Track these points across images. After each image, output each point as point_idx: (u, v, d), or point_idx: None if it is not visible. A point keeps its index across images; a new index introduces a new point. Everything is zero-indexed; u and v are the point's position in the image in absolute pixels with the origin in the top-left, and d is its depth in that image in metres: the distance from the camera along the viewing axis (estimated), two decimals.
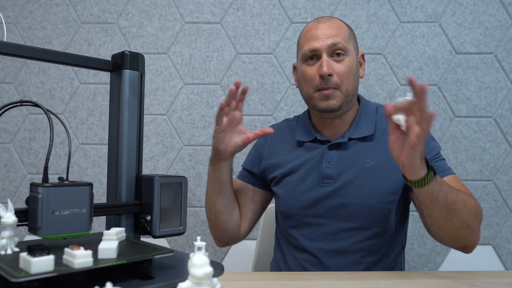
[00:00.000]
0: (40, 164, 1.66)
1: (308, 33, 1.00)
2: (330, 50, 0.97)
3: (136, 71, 0.76)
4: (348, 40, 0.99)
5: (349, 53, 0.98)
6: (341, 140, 1.00)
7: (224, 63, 1.64)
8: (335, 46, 0.96)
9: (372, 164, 0.98)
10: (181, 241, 1.63)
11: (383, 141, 0.99)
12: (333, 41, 0.96)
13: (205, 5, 1.65)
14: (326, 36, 0.97)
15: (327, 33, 0.98)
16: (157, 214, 0.70)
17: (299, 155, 1.04)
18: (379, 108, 1.06)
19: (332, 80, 0.95)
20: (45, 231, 0.57)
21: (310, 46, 0.98)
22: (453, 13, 1.60)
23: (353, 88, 0.99)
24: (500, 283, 0.78)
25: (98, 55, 1.66)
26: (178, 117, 1.64)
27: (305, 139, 1.05)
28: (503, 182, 1.57)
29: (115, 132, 0.75)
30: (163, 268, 0.62)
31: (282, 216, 1.06)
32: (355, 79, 0.99)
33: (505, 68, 1.58)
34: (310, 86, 0.99)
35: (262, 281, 0.79)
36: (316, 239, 1.00)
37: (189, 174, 1.63)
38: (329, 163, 1.00)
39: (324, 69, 0.94)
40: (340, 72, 0.96)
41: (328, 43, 0.96)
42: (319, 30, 0.98)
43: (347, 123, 1.03)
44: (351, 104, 1.01)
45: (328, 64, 0.95)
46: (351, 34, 1.02)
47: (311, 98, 1.00)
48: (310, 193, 1.00)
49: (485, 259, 1.56)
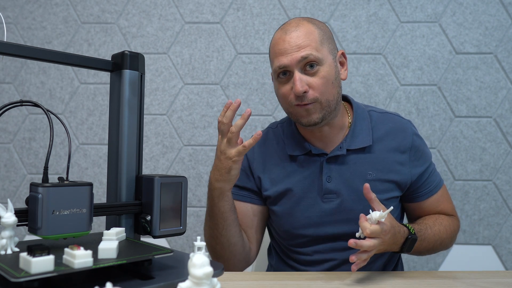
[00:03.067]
0: (40, 164, 1.66)
1: (276, 46, 0.92)
2: (301, 64, 0.89)
3: (136, 71, 0.76)
4: (321, 46, 0.90)
5: (323, 61, 0.90)
6: (339, 152, 0.95)
7: (224, 63, 1.64)
8: (305, 59, 0.88)
9: (374, 176, 0.95)
10: (181, 241, 1.63)
11: (382, 150, 0.97)
12: (303, 54, 0.88)
13: (205, 5, 1.65)
14: (295, 49, 0.89)
15: (295, 45, 0.89)
16: (157, 214, 0.70)
17: (293, 170, 0.98)
18: (371, 112, 1.02)
19: (308, 96, 0.89)
20: (45, 231, 0.57)
21: (279, 62, 0.90)
22: (453, 13, 1.60)
23: (335, 96, 0.92)
24: (500, 283, 0.78)
25: (98, 55, 1.66)
26: (178, 117, 1.64)
27: (298, 152, 0.98)
28: (503, 182, 1.57)
29: (115, 132, 0.75)
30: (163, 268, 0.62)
31: (283, 234, 1.01)
32: (335, 86, 0.92)
33: (505, 68, 1.58)
34: (286, 103, 0.93)
35: (262, 281, 0.79)
36: (323, 252, 0.98)
37: (189, 174, 1.63)
38: (329, 177, 0.95)
39: (298, 87, 0.87)
40: (316, 85, 0.89)
41: (297, 57, 0.88)
42: (286, 42, 0.90)
43: (338, 130, 0.98)
44: (337, 111, 0.96)
45: (301, 81, 0.88)
46: (325, 36, 0.93)
47: (291, 113, 0.94)
48: (314, 209, 0.96)
49: (485, 259, 1.56)
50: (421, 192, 1.01)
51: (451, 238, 1.00)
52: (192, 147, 1.64)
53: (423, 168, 1.00)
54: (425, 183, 1.01)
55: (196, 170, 1.63)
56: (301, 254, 1.00)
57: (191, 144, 1.64)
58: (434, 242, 0.95)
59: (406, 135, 0.99)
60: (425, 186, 1.01)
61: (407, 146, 0.98)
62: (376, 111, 1.03)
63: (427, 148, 1.03)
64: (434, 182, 1.02)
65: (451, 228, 1.00)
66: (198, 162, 1.63)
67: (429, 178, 1.01)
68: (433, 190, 1.02)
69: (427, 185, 1.01)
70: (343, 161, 0.96)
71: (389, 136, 0.99)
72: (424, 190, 1.01)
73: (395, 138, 0.98)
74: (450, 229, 0.99)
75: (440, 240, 0.96)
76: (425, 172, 1.00)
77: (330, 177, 0.96)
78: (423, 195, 1.01)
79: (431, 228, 0.95)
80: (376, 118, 1.01)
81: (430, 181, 1.01)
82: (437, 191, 1.02)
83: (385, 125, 1.00)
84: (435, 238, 0.95)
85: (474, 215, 1.57)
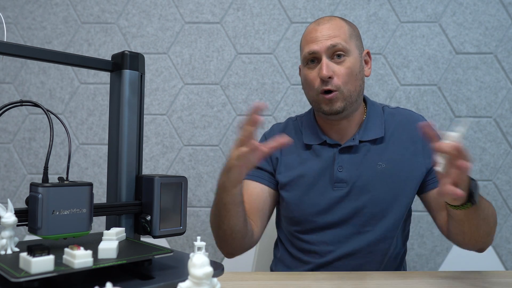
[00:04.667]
0: (40, 164, 1.66)
1: (308, 35, 0.99)
2: (330, 52, 0.95)
3: (136, 71, 0.76)
4: (349, 39, 0.97)
5: (350, 53, 0.96)
6: (352, 143, 0.99)
7: (224, 63, 1.64)
8: (334, 47, 0.95)
9: (383, 167, 0.98)
10: (181, 241, 1.63)
11: (393, 142, 1.00)
12: (332, 43, 0.95)
13: (205, 5, 1.65)
14: (325, 37, 0.96)
15: (326, 34, 0.96)
16: (157, 214, 0.70)
17: (308, 158, 1.03)
18: (385, 108, 1.06)
19: (332, 82, 0.94)
20: (45, 231, 0.57)
21: (309, 48, 0.97)
22: (453, 13, 1.60)
23: (357, 88, 0.97)
24: (500, 283, 0.78)
25: (98, 55, 1.66)
26: (178, 117, 1.64)
27: (314, 142, 1.03)
28: (503, 182, 1.57)
29: (115, 132, 0.75)
30: (163, 268, 0.62)
31: (291, 221, 1.03)
32: (358, 79, 0.98)
33: (505, 68, 1.58)
34: (312, 89, 0.98)
35: (262, 281, 0.79)
36: (328, 243, 0.99)
37: (189, 174, 1.63)
38: (341, 166, 0.99)
39: (323, 72, 0.93)
40: (341, 73, 0.95)
41: (327, 44, 0.95)
42: (318, 32, 0.97)
43: (354, 124, 1.02)
44: (357, 105, 1.00)
45: (327, 66, 0.94)
46: (353, 33, 1.00)
47: (315, 101, 0.99)
48: (323, 197, 0.99)
49: (485, 259, 1.56)
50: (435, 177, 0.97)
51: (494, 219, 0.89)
52: (192, 147, 1.64)
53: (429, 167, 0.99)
54: None
55: (196, 170, 1.63)
56: (305, 242, 1.01)
57: (191, 144, 1.64)
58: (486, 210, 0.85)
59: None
60: None
61: (419, 136, 1.00)
62: (389, 107, 1.08)
63: None
64: None
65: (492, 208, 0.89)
66: (198, 162, 1.63)
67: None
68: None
69: None
70: (355, 151, 1.00)
71: (400, 128, 1.02)
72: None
73: (406, 129, 1.01)
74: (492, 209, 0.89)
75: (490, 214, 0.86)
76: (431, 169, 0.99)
77: (342, 167, 0.99)
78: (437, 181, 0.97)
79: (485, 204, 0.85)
80: (388, 113, 1.05)
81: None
82: None
83: (396, 118, 1.04)
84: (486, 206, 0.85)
85: None
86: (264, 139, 1.11)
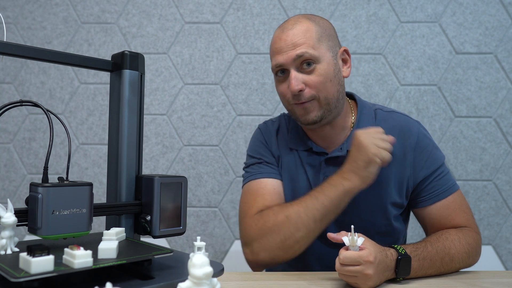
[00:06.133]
0: (40, 164, 1.66)
1: (274, 45, 0.92)
2: (297, 63, 0.88)
3: (136, 71, 0.76)
4: (318, 44, 0.89)
5: (321, 59, 0.88)
6: (339, 153, 0.94)
7: (224, 63, 1.64)
8: (300, 57, 0.87)
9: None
10: (181, 241, 1.63)
11: None
12: (298, 53, 0.87)
13: (205, 5, 1.65)
14: (290, 47, 0.88)
15: (291, 43, 0.88)
16: (157, 214, 0.70)
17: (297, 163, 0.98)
18: (378, 111, 0.99)
19: (304, 94, 0.88)
20: (45, 231, 0.57)
21: (276, 61, 0.90)
22: (453, 13, 1.60)
23: (334, 93, 0.90)
24: (500, 283, 0.78)
25: (98, 55, 1.66)
26: (178, 117, 1.64)
27: (299, 148, 0.99)
28: (503, 182, 1.57)
29: (115, 132, 0.75)
30: (163, 268, 0.62)
31: None
32: (335, 84, 0.90)
33: (505, 68, 1.58)
34: (285, 101, 0.93)
35: (262, 281, 0.79)
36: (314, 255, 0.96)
37: (189, 174, 1.63)
38: (327, 176, 0.93)
39: (292, 86, 0.87)
40: (312, 83, 0.88)
41: (292, 56, 0.87)
42: (283, 40, 0.89)
43: (340, 130, 0.97)
44: (338, 110, 0.94)
45: (296, 80, 0.87)
46: (324, 34, 0.90)
47: (290, 111, 0.94)
48: None
49: (485, 259, 1.56)
50: (425, 196, 0.94)
51: (467, 253, 0.86)
52: (192, 147, 1.64)
53: (429, 171, 0.93)
54: (429, 187, 0.94)
55: (196, 170, 1.63)
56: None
57: (191, 144, 1.64)
58: (440, 259, 0.82)
59: (411, 134, 0.95)
60: (429, 190, 0.94)
61: (411, 147, 0.94)
62: (383, 109, 1.00)
63: (437, 151, 0.96)
64: (443, 187, 0.93)
65: (464, 241, 0.87)
66: (198, 162, 1.63)
67: (437, 182, 0.94)
68: (441, 195, 0.93)
69: (432, 189, 0.93)
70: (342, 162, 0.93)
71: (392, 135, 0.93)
72: (429, 195, 0.94)
73: (399, 139, 0.94)
74: (462, 242, 0.86)
75: (449, 257, 0.83)
76: (431, 176, 0.94)
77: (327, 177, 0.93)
78: (427, 200, 0.94)
79: (433, 244, 0.83)
80: (381, 117, 0.98)
81: (437, 184, 0.93)
82: (446, 196, 0.93)
83: (389, 124, 0.96)
84: (441, 255, 0.82)
85: (474, 215, 1.56)
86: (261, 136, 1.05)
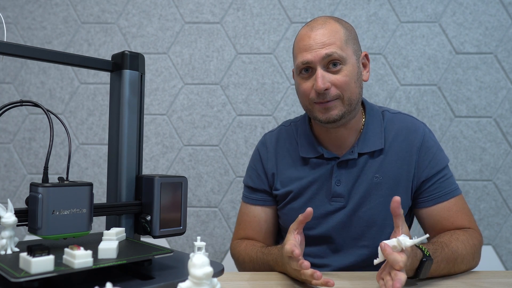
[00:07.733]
0: (40, 164, 1.65)
1: (301, 42, 0.93)
2: (325, 62, 0.89)
3: (136, 71, 0.76)
4: (345, 45, 0.91)
5: (347, 60, 0.90)
6: (351, 156, 0.96)
7: (224, 63, 1.64)
8: (329, 57, 0.88)
9: (380, 179, 0.95)
10: (181, 241, 1.63)
11: (392, 153, 0.96)
12: (327, 52, 0.88)
13: (205, 5, 1.65)
14: (319, 45, 0.89)
15: (320, 42, 0.89)
16: (157, 214, 0.70)
17: (305, 174, 0.99)
18: (385, 113, 1.01)
19: (330, 93, 0.89)
20: (45, 231, 0.57)
21: (303, 58, 0.91)
22: (453, 13, 1.60)
23: (356, 95, 0.92)
24: (500, 283, 0.78)
25: (98, 55, 1.66)
26: (178, 117, 1.64)
27: (311, 155, 0.99)
28: (503, 182, 1.57)
29: (115, 132, 0.75)
30: (163, 268, 0.62)
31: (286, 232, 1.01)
32: (357, 85, 0.92)
33: (505, 68, 1.58)
34: (306, 99, 0.94)
35: (262, 281, 0.79)
36: (323, 256, 0.98)
37: (189, 174, 1.63)
38: (339, 180, 0.96)
39: (319, 85, 0.88)
40: (339, 83, 0.89)
41: (321, 54, 0.88)
42: (312, 39, 0.90)
43: (353, 132, 0.98)
44: (356, 112, 0.96)
45: (323, 78, 0.88)
46: (350, 37, 0.93)
47: (310, 110, 0.95)
48: (319, 210, 0.97)
49: (485, 259, 1.56)
50: (427, 197, 0.96)
51: (472, 254, 0.87)
52: (192, 147, 1.64)
53: (432, 172, 0.95)
54: (431, 188, 0.95)
55: (196, 170, 1.63)
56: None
57: (191, 144, 1.64)
58: (453, 260, 0.82)
59: (417, 135, 0.97)
60: (431, 191, 0.95)
61: (416, 147, 0.96)
62: (390, 111, 1.02)
63: (441, 153, 0.98)
64: (445, 189, 0.95)
65: (471, 243, 0.88)
66: (198, 162, 1.63)
67: (439, 183, 0.95)
68: (442, 197, 0.95)
69: (434, 191, 0.95)
70: (354, 165, 0.96)
71: (399, 137, 0.97)
72: (430, 196, 0.95)
73: (405, 139, 0.97)
74: (470, 244, 0.87)
75: (460, 258, 0.84)
76: (434, 177, 0.95)
77: (340, 181, 0.96)
78: (428, 201, 0.96)
79: (447, 245, 0.83)
80: (388, 119, 1.00)
81: (439, 186, 0.95)
82: (448, 198, 0.95)
83: (396, 125, 0.99)
84: (454, 256, 0.82)
85: (474, 215, 1.56)
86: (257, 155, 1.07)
